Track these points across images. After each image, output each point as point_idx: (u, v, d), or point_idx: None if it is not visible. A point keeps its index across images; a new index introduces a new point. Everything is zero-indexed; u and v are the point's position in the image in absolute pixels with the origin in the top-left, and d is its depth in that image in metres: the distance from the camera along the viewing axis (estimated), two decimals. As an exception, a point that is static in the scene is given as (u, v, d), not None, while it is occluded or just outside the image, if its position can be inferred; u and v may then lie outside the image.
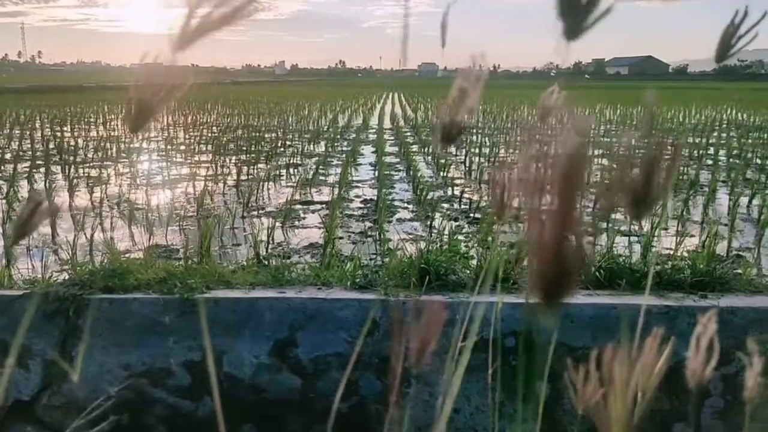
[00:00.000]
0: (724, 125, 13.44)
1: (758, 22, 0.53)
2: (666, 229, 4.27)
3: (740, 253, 3.78)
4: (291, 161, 7.67)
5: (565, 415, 2.41)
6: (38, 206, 0.46)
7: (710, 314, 0.53)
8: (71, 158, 7.27)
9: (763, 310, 2.54)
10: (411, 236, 4.21)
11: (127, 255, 3.42)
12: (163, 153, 8.18)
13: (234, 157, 7.84)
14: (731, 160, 8.14)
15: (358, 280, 2.76)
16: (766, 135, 11.21)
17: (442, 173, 6.78)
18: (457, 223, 4.60)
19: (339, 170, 6.79)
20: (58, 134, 10.18)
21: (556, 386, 2.19)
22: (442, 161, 7.41)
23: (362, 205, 5.21)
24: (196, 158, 7.93)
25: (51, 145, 8.61)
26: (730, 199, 5.08)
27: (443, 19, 0.55)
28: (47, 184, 5.80)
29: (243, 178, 6.27)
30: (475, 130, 11.01)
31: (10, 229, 0.48)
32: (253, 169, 6.96)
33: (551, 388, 2.22)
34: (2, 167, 6.94)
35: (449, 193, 5.83)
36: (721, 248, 3.69)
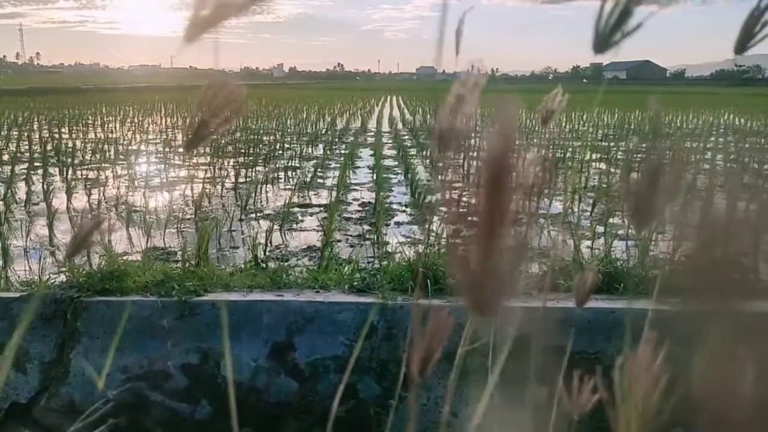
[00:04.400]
0: (722, 130, 13.48)
1: None
2: (663, 233, 4.28)
3: (738, 258, 3.79)
4: (289, 164, 7.67)
5: (563, 420, 2.41)
6: (98, 225, 0.46)
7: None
8: (69, 160, 7.27)
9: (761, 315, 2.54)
10: (409, 240, 4.21)
11: (124, 257, 3.41)
12: (161, 155, 8.18)
13: (232, 160, 7.84)
14: (728, 164, 8.16)
15: (356, 283, 2.76)
16: (763, 140, 11.25)
17: (440, 176, 6.78)
18: (456, 226, 4.61)
19: (337, 173, 6.80)
20: (56, 136, 10.16)
21: (554, 390, 2.19)
22: (440, 164, 7.41)
23: (360, 208, 5.21)
24: (194, 161, 7.92)
25: (49, 147, 8.60)
26: (727, 204, 5.09)
27: (458, 27, 0.56)
28: (45, 186, 5.79)
29: (241, 180, 6.27)
30: (473, 134, 11.02)
31: (69, 245, 0.47)
32: (251, 171, 6.95)
33: (549, 392, 2.22)
34: (0, 168, 6.93)
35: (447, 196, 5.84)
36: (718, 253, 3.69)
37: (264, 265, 3.23)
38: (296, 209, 5.14)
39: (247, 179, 6.45)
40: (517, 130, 0.30)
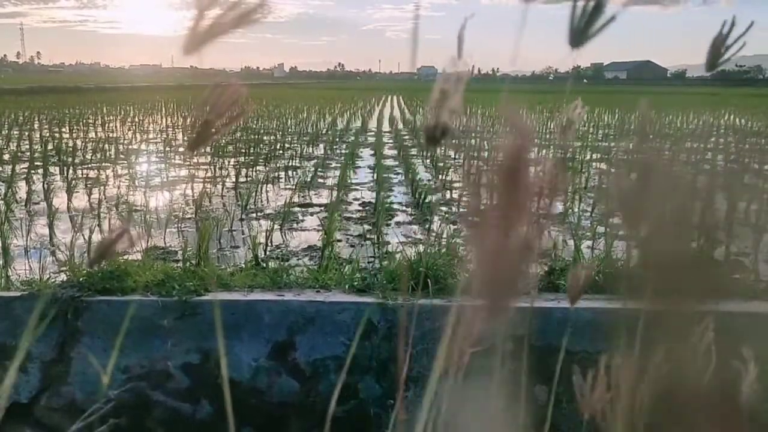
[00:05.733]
0: (722, 130, 13.48)
1: (745, 32, 0.55)
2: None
3: (738, 258, 3.79)
4: (289, 164, 7.68)
5: (564, 420, 2.41)
6: (122, 234, 0.46)
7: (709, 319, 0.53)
8: (70, 159, 7.27)
9: (761, 316, 2.54)
10: (409, 239, 4.21)
11: (125, 257, 3.41)
12: (162, 155, 8.18)
13: (232, 160, 7.84)
14: (729, 165, 8.16)
15: (356, 283, 2.76)
16: (763, 140, 11.25)
17: (440, 176, 6.79)
18: (456, 227, 4.61)
19: (338, 173, 6.80)
20: (57, 135, 10.17)
21: (555, 390, 2.19)
22: (441, 164, 7.42)
23: (361, 208, 5.21)
24: (195, 160, 7.93)
25: (49, 146, 8.61)
26: (728, 204, 5.09)
27: (460, 33, 0.56)
28: (45, 185, 5.80)
29: (241, 180, 6.27)
30: (474, 134, 11.03)
31: (93, 252, 0.48)
32: (252, 171, 6.96)
33: (550, 393, 2.22)
34: (1, 168, 6.94)
35: (448, 196, 5.84)
36: (718, 253, 3.70)
37: (264, 265, 3.24)
38: (297, 209, 5.14)
39: (248, 179, 6.46)
40: (531, 131, 0.30)
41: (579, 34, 0.43)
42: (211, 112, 0.39)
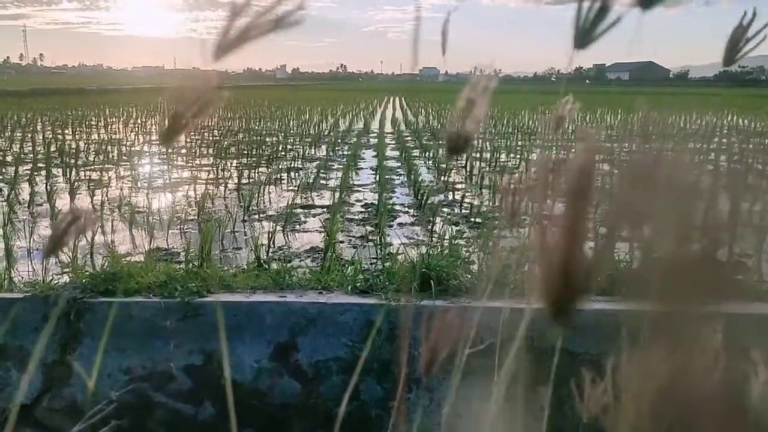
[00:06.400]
0: (725, 131, 13.45)
1: (765, 27, 0.54)
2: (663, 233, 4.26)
3: (741, 259, 3.78)
4: (292, 165, 7.68)
5: (566, 422, 2.40)
6: (75, 221, 0.46)
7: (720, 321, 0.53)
8: (72, 161, 7.28)
9: (764, 317, 2.53)
10: (412, 241, 4.21)
11: (127, 258, 3.42)
12: (164, 156, 8.19)
13: (235, 161, 7.85)
14: (732, 165, 8.14)
15: (358, 284, 2.76)
16: (766, 140, 11.22)
17: (443, 178, 6.78)
18: (458, 228, 4.61)
19: (340, 174, 6.80)
20: (60, 137, 10.19)
21: (558, 392, 2.18)
22: (443, 166, 7.42)
23: (363, 210, 5.21)
24: (197, 162, 7.94)
25: (52, 148, 8.62)
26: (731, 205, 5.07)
27: (443, 27, 0.56)
28: (48, 187, 5.80)
29: (244, 181, 6.27)
30: (476, 135, 11.03)
31: (47, 243, 0.47)
32: (254, 172, 6.96)
33: (553, 394, 2.22)
34: (4, 170, 6.95)
35: (450, 197, 5.84)
36: (721, 254, 3.68)
37: (267, 266, 3.24)
38: (299, 210, 5.14)
39: (250, 180, 6.46)
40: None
41: (584, 36, 0.43)
42: (180, 104, 0.39)
